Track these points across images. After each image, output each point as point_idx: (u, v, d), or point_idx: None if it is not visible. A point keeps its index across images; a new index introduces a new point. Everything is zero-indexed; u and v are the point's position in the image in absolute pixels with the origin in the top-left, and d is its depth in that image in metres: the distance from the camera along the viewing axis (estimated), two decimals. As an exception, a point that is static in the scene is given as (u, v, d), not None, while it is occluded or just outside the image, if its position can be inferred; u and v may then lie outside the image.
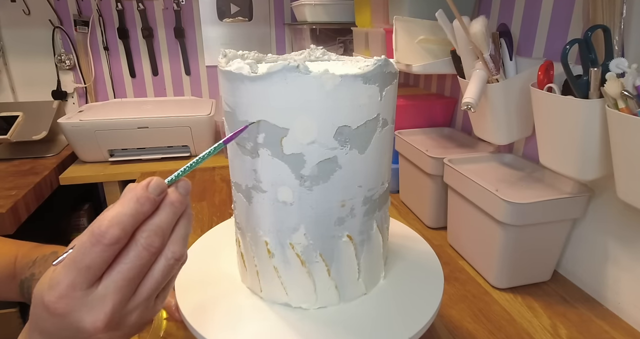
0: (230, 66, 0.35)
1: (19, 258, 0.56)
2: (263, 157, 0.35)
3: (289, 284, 0.39)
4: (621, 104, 0.43)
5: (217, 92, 1.56)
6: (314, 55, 0.46)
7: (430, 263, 0.46)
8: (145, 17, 1.41)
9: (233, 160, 0.39)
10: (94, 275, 0.28)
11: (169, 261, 0.30)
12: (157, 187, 0.29)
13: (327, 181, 0.36)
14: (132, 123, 1.15)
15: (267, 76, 0.32)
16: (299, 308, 0.40)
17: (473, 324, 0.55)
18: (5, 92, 1.41)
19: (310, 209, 0.36)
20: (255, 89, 0.33)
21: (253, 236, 0.40)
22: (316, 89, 0.32)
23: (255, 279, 0.41)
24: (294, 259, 0.38)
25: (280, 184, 0.36)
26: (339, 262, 0.39)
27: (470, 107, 0.59)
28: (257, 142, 0.35)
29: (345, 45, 1.25)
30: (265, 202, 0.37)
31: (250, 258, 0.41)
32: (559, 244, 0.62)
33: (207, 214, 0.88)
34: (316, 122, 0.33)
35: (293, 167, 0.35)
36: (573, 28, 0.60)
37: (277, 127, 0.34)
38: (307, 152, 0.34)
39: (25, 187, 0.98)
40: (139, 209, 0.28)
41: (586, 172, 0.51)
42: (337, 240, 0.38)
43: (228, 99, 0.36)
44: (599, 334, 0.54)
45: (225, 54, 0.39)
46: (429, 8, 0.68)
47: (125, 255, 0.28)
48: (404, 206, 0.89)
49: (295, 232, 0.37)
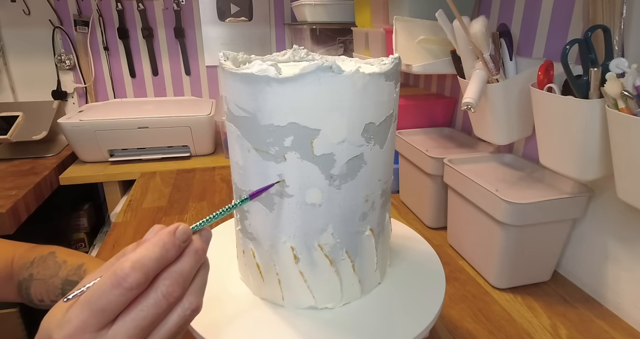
0: (250, 68, 0.33)
1: (16, 258, 0.56)
2: (291, 161, 0.34)
3: (315, 286, 0.39)
4: (621, 104, 0.43)
5: (217, 92, 1.56)
6: (297, 55, 0.45)
7: (431, 264, 0.46)
8: (145, 17, 1.41)
9: (246, 168, 0.37)
10: (107, 318, 0.26)
11: (185, 311, 0.29)
12: (184, 233, 0.29)
13: (354, 178, 0.36)
14: (132, 123, 1.15)
15: (300, 77, 0.32)
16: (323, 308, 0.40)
17: (473, 324, 0.55)
18: (5, 92, 1.41)
19: (338, 208, 0.37)
20: (284, 91, 0.32)
21: (274, 244, 0.38)
22: (348, 88, 0.33)
23: (277, 288, 0.40)
24: (322, 260, 0.38)
25: (309, 186, 0.35)
26: (362, 256, 0.40)
27: (470, 107, 0.59)
28: (283, 146, 0.34)
29: (345, 45, 1.25)
30: (292, 207, 0.36)
31: (270, 268, 0.39)
32: (559, 244, 0.62)
33: (207, 214, 0.88)
34: (347, 120, 0.34)
35: (323, 167, 0.35)
36: (573, 28, 0.60)
37: (308, 129, 0.33)
38: (338, 152, 0.34)
39: (25, 187, 0.98)
40: (164, 255, 0.27)
41: (586, 172, 0.51)
42: (361, 235, 0.39)
43: (246, 104, 0.34)
44: (599, 334, 0.54)
45: (228, 57, 0.38)
46: (429, 8, 0.68)
47: (143, 302, 0.27)
48: (404, 206, 0.89)
49: (323, 233, 0.37)
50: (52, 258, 0.54)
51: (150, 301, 0.27)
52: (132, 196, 0.98)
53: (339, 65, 0.32)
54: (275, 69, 0.32)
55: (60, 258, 0.54)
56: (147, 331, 0.27)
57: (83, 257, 0.56)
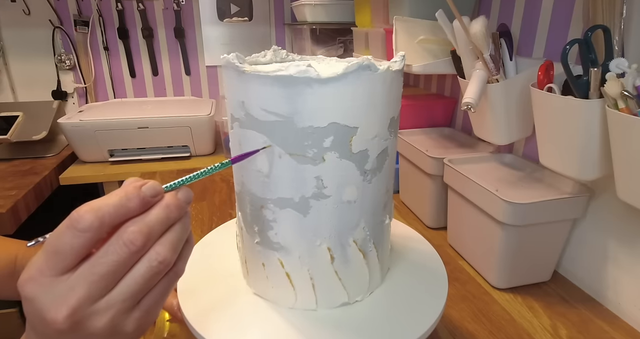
0: (288, 70, 0.32)
1: (19, 257, 0.56)
2: (330, 161, 0.34)
3: (348, 282, 0.39)
4: (621, 104, 0.43)
5: (217, 92, 1.56)
6: (279, 56, 0.44)
7: (433, 264, 0.46)
8: (145, 17, 1.41)
9: (275, 176, 0.35)
10: (62, 262, 0.26)
11: (151, 262, 0.27)
12: (151, 189, 0.28)
13: (381, 171, 0.37)
14: (132, 123, 1.15)
15: (342, 77, 0.32)
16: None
17: (473, 325, 0.55)
18: (5, 92, 1.41)
19: (368, 203, 0.38)
20: (326, 92, 0.32)
21: (309, 248, 0.37)
22: (380, 84, 0.34)
23: (310, 293, 0.39)
24: (355, 255, 0.39)
25: (346, 184, 0.36)
26: (382, 244, 0.42)
27: (470, 107, 0.59)
28: (323, 147, 0.34)
29: (345, 45, 1.25)
30: (328, 208, 0.36)
31: (303, 274, 0.38)
32: (559, 244, 0.62)
33: (207, 214, 0.88)
34: (379, 116, 0.35)
35: (358, 164, 0.35)
36: (573, 28, 0.60)
37: (347, 128, 0.34)
38: (371, 147, 0.35)
39: (25, 187, 0.98)
40: (123, 203, 0.27)
41: (586, 173, 0.51)
42: (382, 224, 0.41)
43: (278, 108, 0.33)
44: (599, 334, 0.54)
45: (243, 59, 0.38)
46: (429, 8, 0.68)
47: (103, 249, 0.26)
48: (404, 206, 0.89)
49: (356, 228, 0.38)
50: None
51: (110, 248, 0.26)
52: (132, 196, 0.98)
53: (374, 64, 0.33)
54: (314, 69, 0.32)
55: None
56: (109, 280, 0.26)
57: None
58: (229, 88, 0.36)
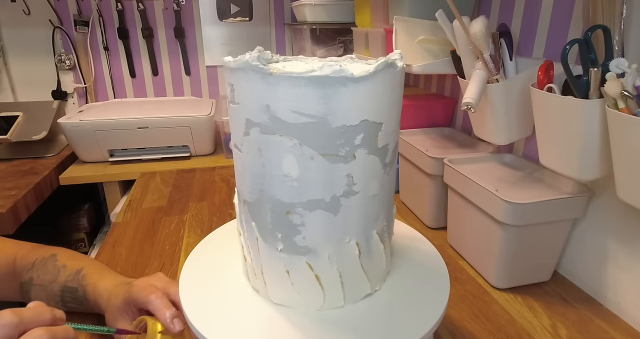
0: (323, 70, 0.31)
1: (19, 257, 0.56)
2: (360, 158, 0.35)
3: (372, 273, 0.40)
4: (621, 104, 0.43)
5: (217, 92, 1.56)
6: (265, 57, 0.44)
7: (434, 264, 0.46)
8: (145, 17, 1.41)
9: (306, 178, 0.34)
10: None
11: None
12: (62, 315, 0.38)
13: (394, 163, 0.40)
14: (132, 123, 1.15)
15: (373, 75, 0.33)
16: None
17: (473, 325, 0.55)
18: (5, 92, 1.41)
19: (386, 195, 0.39)
20: (359, 90, 0.33)
21: (338, 246, 0.37)
22: (398, 80, 0.36)
23: (339, 291, 0.39)
24: (377, 246, 0.40)
25: (372, 178, 0.37)
26: (392, 233, 0.44)
27: (470, 107, 0.59)
28: (354, 144, 0.34)
29: (345, 45, 1.25)
30: (357, 204, 0.36)
31: (333, 273, 0.38)
32: (559, 244, 0.62)
33: (207, 214, 0.88)
34: (397, 111, 0.37)
35: (381, 158, 0.37)
36: (573, 28, 0.60)
37: (375, 124, 0.35)
38: (390, 141, 0.37)
39: (25, 187, 0.98)
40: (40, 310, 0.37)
41: (586, 173, 0.51)
42: (392, 213, 0.43)
43: (311, 109, 0.32)
44: (599, 334, 0.54)
45: (268, 59, 0.39)
46: (429, 8, 0.68)
47: None
48: (404, 206, 0.89)
49: (377, 220, 0.39)
50: (52, 261, 0.54)
51: None
52: (132, 196, 0.98)
53: (394, 62, 0.35)
54: (347, 69, 0.32)
55: (61, 262, 0.54)
56: None
57: (83, 260, 0.56)
58: (245, 92, 0.34)
